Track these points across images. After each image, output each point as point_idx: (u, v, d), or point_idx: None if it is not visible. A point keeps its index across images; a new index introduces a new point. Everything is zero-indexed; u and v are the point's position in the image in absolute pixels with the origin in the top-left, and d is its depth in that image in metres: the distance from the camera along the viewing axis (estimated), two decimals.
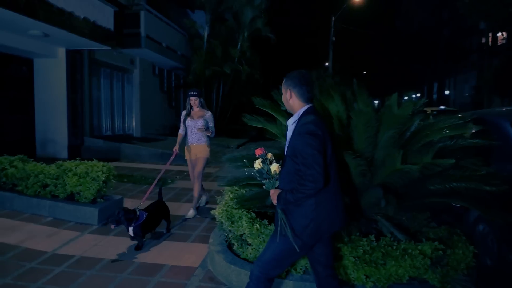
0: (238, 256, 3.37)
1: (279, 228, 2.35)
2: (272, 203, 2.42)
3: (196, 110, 5.32)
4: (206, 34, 16.44)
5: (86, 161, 5.30)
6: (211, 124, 5.27)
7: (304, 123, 2.27)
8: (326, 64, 30.54)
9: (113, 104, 12.94)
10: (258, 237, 3.10)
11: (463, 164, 3.08)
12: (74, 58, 10.01)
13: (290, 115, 2.53)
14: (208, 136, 5.33)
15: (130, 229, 3.93)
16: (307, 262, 2.97)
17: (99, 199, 5.08)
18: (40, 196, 5.17)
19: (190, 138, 5.31)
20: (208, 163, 5.44)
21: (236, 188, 4.04)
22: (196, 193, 5.34)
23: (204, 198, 5.79)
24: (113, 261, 3.75)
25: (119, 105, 13.31)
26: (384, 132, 3.05)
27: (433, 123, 3.30)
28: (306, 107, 2.39)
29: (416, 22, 33.41)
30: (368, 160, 3.08)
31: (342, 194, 2.44)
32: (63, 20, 7.64)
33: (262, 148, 2.47)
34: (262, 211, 3.54)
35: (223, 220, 3.52)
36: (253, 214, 3.42)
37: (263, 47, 19.05)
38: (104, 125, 12.40)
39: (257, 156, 2.44)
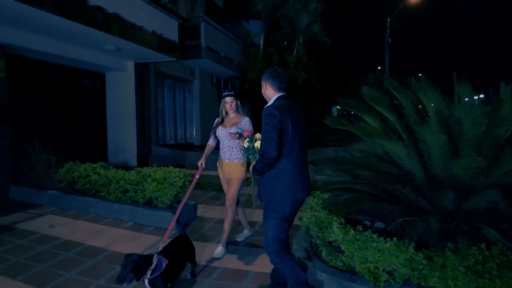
0: (327, 263, 3.22)
1: (259, 193, 2.90)
2: None
3: (231, 116, 4.16)
4: (262, 42, 16.54)
5: (162, 167, 5.45)
6: None
7: (267, 107, 2.75)
8: (379, 67, 29.47)
9: (176, 114, 13.42)
10: (353, 243, 2.92)
11: None
12: (141, 70, 10.49)
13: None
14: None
15: (146, 281, 2.82)
16: (408, 272, 2.76)
17: (175, 204, 5.19)
18: (121, 201, 5.39)
19: (221, 152, 4.20)
20: (243, 185, 4.20)
21: (318, 193, 3.93)
22: (227, 224, 4.13)
23: (246, 232, 4.60)
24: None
25: (181, 115, 13.78)
26: (492, 129, 2.77)
27: None
28: (278, 95, 2.88)
29: (476, 18, 31.25)
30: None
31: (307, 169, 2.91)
32: (135, 34, 8.03)
33: (250, 130, 3.37)
34: (350, 217, 3.38)
35: (310, 226, 3.39)
36: (343, 220, 3.26)
37: (319, 52, 18.75)
38: (168, 134, 12.88)
39: (245, 136, 3.09)
